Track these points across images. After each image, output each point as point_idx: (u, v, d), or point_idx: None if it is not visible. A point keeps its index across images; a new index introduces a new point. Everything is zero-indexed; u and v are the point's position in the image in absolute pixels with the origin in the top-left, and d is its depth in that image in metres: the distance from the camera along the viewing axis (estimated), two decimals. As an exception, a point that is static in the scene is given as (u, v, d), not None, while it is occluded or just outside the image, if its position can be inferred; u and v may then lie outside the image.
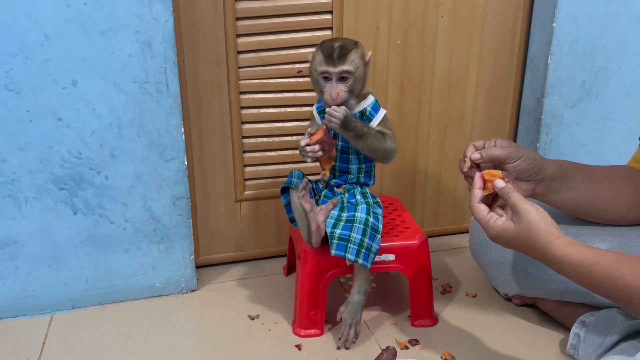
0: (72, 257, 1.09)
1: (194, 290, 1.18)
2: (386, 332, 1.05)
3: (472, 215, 0.83)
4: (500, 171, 0.84)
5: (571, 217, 1.00)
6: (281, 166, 1.23)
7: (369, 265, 0.97)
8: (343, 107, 0.94)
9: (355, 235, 0.94)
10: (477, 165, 0.88)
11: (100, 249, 1.10)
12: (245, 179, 1.23)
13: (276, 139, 1.21)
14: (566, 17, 1.22)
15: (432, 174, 1.35)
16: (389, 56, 1.22)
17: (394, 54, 1.23)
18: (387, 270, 1.05)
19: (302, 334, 1.04)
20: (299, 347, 1.01)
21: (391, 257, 1.03)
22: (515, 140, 1.38)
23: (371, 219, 0.97)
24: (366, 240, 0.95)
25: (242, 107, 1.18)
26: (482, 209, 0.81)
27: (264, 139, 1.21)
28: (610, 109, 1.31)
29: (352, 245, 0.94)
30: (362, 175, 1.05)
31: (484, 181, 0.83)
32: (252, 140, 1.21)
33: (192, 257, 1.16)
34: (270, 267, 1.28)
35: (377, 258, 1.02)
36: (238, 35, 1.13)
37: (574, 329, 0.96)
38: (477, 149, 0.89)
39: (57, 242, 1.07)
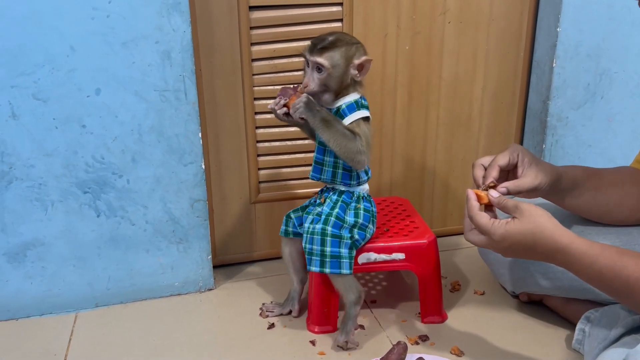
0: (95, 257, 1.14)
1: (211, 289, 1.23)
2: (397, 328, 1.09)
3: (475, 225, 0.84)
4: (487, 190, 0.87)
5: (575, 216, 1.03)
6: (294, 169, 1.28)
7: (343, 272, 0.99)
8: (305, 94, 0.95)
9: (315, 247, 0.99)
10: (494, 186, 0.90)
11: (122, 250, 1.15)
12: (260, 182, 1.28)
13: (289, 142, 1.25)
14: (570, 21, 1.25)
15: (440, 176, 1.39)
16: (397, 62, 1.26)
17: (402, 59, 1.26)
18: (398, 268, 1.08)
19: (316, 330, 1.08)
20: (313, 342, 1.05)
21: (401, 256, 1.06)
22: (521, 141, 1.41)
23: (329, 228, 0.99)
24: (327, 249, 0.98)
25: (256, 113, 1.22)
26: (484, 215, 0.83)
27: (278, 143, 1.25)
28: (614, 111, 1.34)
29: (314, 258, 0.99)
30: (339, 172, 1.02)
31: (477, 195, 0.86)
32: (266, 144, 1.25)
33: (210, 257, 1.20)
34: (283, 266, 1.30)
35: (387, 257, 1.06)
36: (252, 44, 1.17)
37: (579, 325, 0.99)
38: (499, 168, 0.90)
39: (82, 243, 1.12)
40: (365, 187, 1.06)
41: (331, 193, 1.04)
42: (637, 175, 0.98)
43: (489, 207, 0.86)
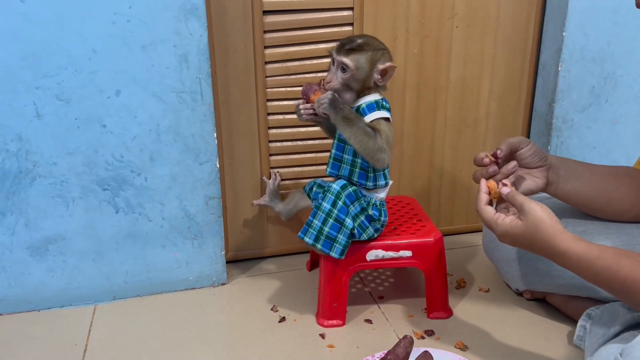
0: (113, 252, 1.18)
1: (224, 284, 1.27)
2: (404, 324, 1.12)
3: (480, 218, 0.89)
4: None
5: (578, 213, 1.06)
6: (305, 168, 1.31)
7: (333, 254, 1.04)
8: (330, 91, 0.99)
9: (317, 223, 1.03)
10: (495, 161, 0.95)
11: (139, 245, 1.19)
12: (272, 180, 1.31)
13: (300, 142, 1.29)
14: (575, 26, 1.28)
15: (447, 176, 1.42)
16: (406, 64, 1.30)
17: (411, 62, 1.30)
18: (405, 265, 1.11)
19: (325, 324, 1.11)
20: (322, 336, 1.09)
21: (408, 253, 1.10)
22: (527, 143, 1.44)
23: (335, 211, 1.02)
24: (326, 229, 1.02)
25: (269, 114, 1.26)
26: (489, 210, 0.88)
27: (289, 143, 1.29)
28: (618, 113, 1.37)
29: (311, 230, 1.04)
30: (357, 170, 1.04)
31: (489, 187, 0.90)
32: (278, 144, 1.29)
33: (223, 252, 1.24)
34: (294, 262, 1.35)
35: (395, 254, 1.09)
36: (265, 47, 1.21)
37: (580, 322, 1.02)
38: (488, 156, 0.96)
39: (101, 238, 1.16)
40: (379, 195, 1.07)
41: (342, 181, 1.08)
42: (635, 173, 1.01)
43: (501, 199, 0.90)
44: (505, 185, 0.89)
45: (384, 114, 1.01)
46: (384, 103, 1.03)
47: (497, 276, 1.27)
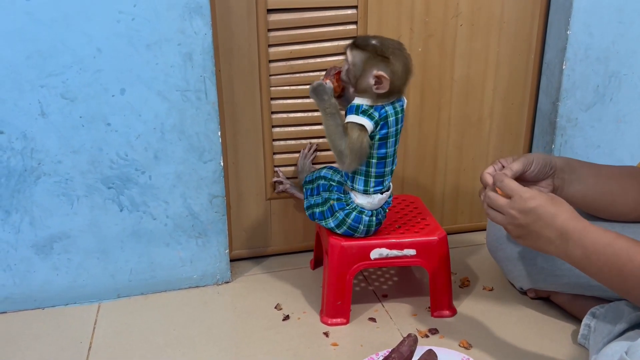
0: (118, 250, 1.18)
1: (228, 282, 1.27)
2: (408, 322, 1.12)
3: (504, 188, 0.86)
4: None
5: (582, 213, 1.05)
6: (309, 167, 1.32)
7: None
8: (320, 80, 1.02)
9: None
10: None
11: (143, 243, 1.19)
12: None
13: (304, 141, 1.29)
14: (580, 25, 1.27)
15: (451, 175, 1.42)
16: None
17: (415, 61, 1.28)
18: (409, 264, 1.11)
19: (329, 322, 1.11)
20: (326, 334, 1.09)
21: (412, 252, 1.10)
22: (531, 142, 1.44)
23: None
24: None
25: (273, 112, 1.26)
26: (516, 183, 0.87)
27: (293, 142, 1.29)
28: (623, 112, 1.37)
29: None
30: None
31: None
32: (282, 142, 1.29)
33: (227, 251, 1.25)
34: (298, 261, 1.35)
35: (399, 252, 1.09)
36: (269, 46, 1.21)
37: (585, 320, 1.02)
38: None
39: (105, 236, 1.17)
40: (358, 200, 1.06)
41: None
42: (637, 173, 1.01)
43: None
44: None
45: (360, 119, 1.00)
46: (368, 109, 1.00)
47: (501, 275, 1.27)
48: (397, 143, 1.05)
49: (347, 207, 1.07)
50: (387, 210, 1.11)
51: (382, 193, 1.07)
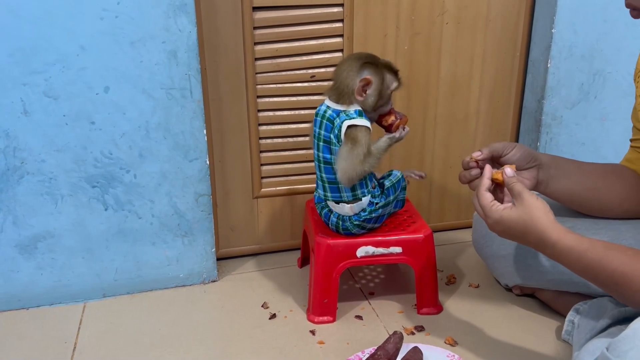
0: (103, 249, 1.18)
1: (214, 281, 1.27)
2: (394, 319, 1.13)
3: (477, 200, 0.88)
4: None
5: (567, 209, 1.06)
6: (295, 165, 1.31)
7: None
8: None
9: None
10: (477, 165, 0.96)
11: (129, 242, 1.18)
12: (262, 177, 1.31)
13: (291, 139, 1.29)
14: (565, 23, 1.28)
15: (438, 172, 1.42)
16: (396, 61, 1.30)
17: (401, 59, 1.30)
18: (395, 261, 1.12)
19: (315, 320, 1.12)
20: (313, 332, 1.09)
21: (398, 249, 1.10)
22: (517, 139, 1.45)
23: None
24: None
25: (260, 110, 1.26)
26: (488, 196, 0.87)
27: (280, 140, 1.29)
28: (607, 110, 1.38)
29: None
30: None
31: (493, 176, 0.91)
32: (269, 140, 1.29)
33: (214, 249, 1.24)
34: (285, 259, 1.35)
35: (385, 250, 1.10)
36: (255, 44, 1.20)
37: (568, 317, 1.03)
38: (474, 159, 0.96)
39: (90, 235, 1.16)
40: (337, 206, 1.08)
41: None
42: (622, 170, 1.02)
43: (500, 186, 0.90)
44: (510, 169, 0.90)
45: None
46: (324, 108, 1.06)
47: (487, 272, 1.27)
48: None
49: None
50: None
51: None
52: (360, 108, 1.03)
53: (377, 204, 1.07)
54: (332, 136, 1.03)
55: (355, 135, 1.01)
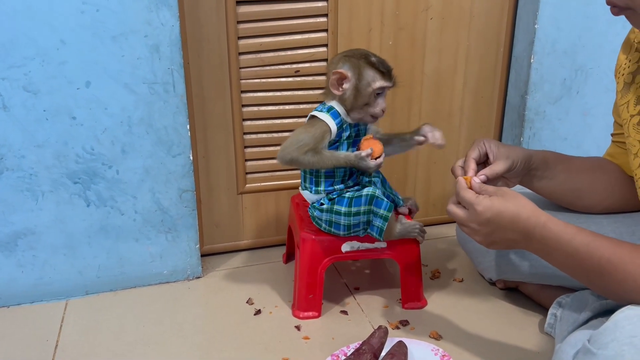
0: (85, 246, 1.16)
1: (199, 277, 1.26)
2: (379, 314, 1.13)
3: (460, 200, 0.87)
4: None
5: (549, 204, 1.07)
6: (280, 160, 1.31)
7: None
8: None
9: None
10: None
11: (112, 239, 1.17)
12: (247, 173, 1.31)
13: (275, 134, 1.29)
14: (547, 19, 1.29)
15: (422, 168, 1.43)
16: (381, 56, 1.29)
17: (385, 54, 1.30)
18: (380, 256, 1.12)
19: (301, 316, 1.11)
20: (298, 327, 1.09)
21: (383, 244, 1.10)
22: (500, 134, 1.46)
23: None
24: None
25: (244, 105, 1.25)
26: (471, 192, 0.87)
27: (264, 135, 1.28)
28: (589, 105, 1.39)
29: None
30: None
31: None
32: (253, 136, 1.28)
33: (198, 246, 1.23)
34: (270, 255, 1.35)
35: (370, 245, 1.10)
36: (239, 38, 1.20)
37: (551, 310, 1.04)
38: (475, 162, 0.96)
39: (72, 232, 1.14)
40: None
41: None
42: (607, 165, 1.03)
43: None
44: (476, 177, 0.90)
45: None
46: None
47: (471, 266, 1.28)
48: None
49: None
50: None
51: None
52: (338, 104, 1.03)
53: (322, 204, 1.07)
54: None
55: (311, 124, 1.03)
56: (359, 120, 1.06)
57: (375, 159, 1.03)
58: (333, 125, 1.02)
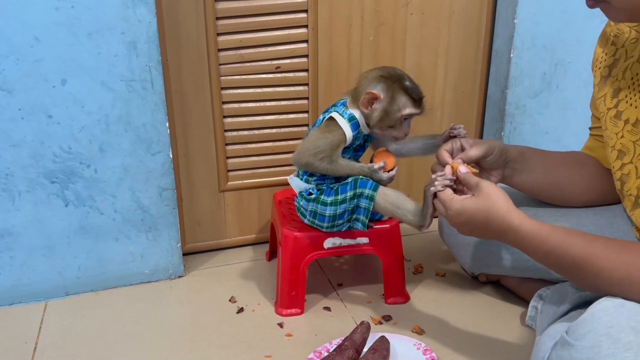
0: (65, 246, 1.15)
1: (181, 276, 1.25)
2: (362, 309, 1.13)
3: (438, 197, 0.90)
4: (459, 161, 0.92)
5: (531, 199, 1.08)
6: (262, 157, 1.30)
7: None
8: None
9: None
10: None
11: (91, 239, 1.16)
12: (228, 170, 1.30)
13: (257, 131, 1.28)
14: (526, 13, 1.30)
15: (404, 163, 1.43)
16: (361, 52, 1.29)
17: (366, 50, 1.30)
18: (362, 252, 1.12)
19: (283, 313, 1.11)
20: (281, 325, 1.09)
21: (365, 240, 1.10)
22: (482, 129, 1.47)
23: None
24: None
25: (224, 102, 1.24)
26: (447, 191, 0.89)
27: (245, 132, 1.27)
28: (569, 99, 1.40)
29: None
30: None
31: (452, 167, 0.92)
32: (234, 133, 1.27)
33: (179, 244, 1.22)
34: (253, 253, 1.34)
35: (352, 241, 1.10)
36: (218, 34, 1.18)
37: (532, 303, 1.04)
38: (449, 153, 0.96)
39: (51, 232, 1.13)
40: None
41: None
42: (585, 159, 1.04)
43: (459, 182, 0.91)
44: (463, 166, 0.91)
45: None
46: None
47: (453, 261, 1.29)
48: None
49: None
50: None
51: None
52: (360, 116, 1.02)
53: (310, 193, 1.06)
54: (321, 118, 1.04)
55: (329, 129, 1.01)
56: (376, 134, 1.06)
57: (388, 171, 1.04)
58: (350, 136, 1.02)
